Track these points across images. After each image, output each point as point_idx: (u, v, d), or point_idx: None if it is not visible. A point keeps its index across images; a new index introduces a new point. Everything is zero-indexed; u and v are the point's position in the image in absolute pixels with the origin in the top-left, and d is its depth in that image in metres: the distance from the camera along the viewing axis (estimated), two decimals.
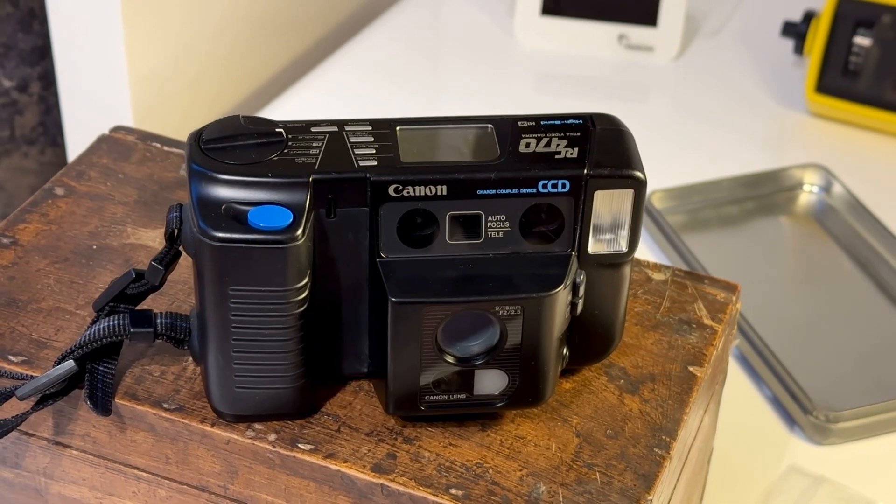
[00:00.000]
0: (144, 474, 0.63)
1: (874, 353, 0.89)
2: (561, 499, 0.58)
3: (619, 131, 0.60)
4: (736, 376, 0.87)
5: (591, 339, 0.62)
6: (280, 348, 0.58)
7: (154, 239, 0.70)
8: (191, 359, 0.63)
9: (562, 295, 0.57)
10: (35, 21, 1.11)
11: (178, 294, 0.66)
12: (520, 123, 0.59)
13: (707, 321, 0.67)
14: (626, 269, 0.61)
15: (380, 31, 1.22)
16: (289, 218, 0.56)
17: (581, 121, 0.60)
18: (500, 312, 0.57)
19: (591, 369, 0.64)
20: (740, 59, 1.19)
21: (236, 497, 0.61)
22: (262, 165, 0.56)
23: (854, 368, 0.87)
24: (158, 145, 0.76)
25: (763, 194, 1.02)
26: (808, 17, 1.10)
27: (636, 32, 1.16)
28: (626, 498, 0.58)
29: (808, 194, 1.02)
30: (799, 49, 1.11)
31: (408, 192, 0.57)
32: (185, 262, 0.68)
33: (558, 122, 0.59)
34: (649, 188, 0.97)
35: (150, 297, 0.63)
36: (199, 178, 0.56)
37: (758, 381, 0.87)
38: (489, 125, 0.59)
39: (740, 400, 0.86)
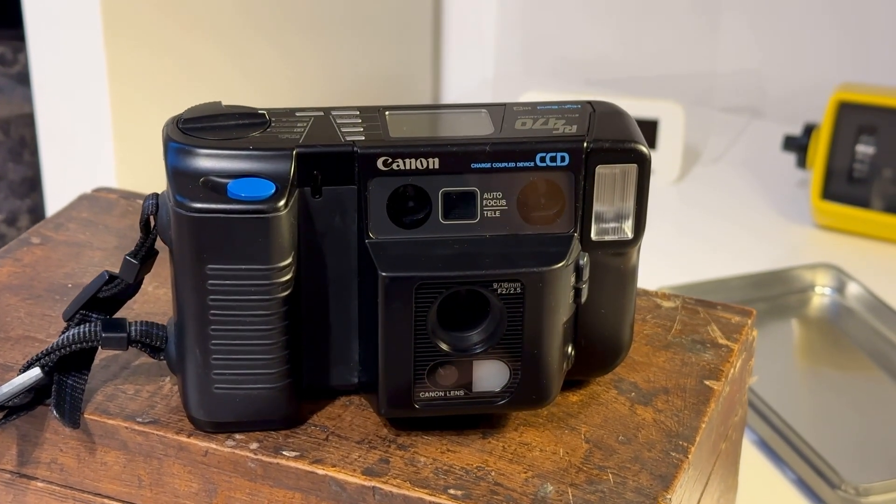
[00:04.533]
0: None
1: None
2: (571, 498, 0.52)
3: (619, 113, 0.57)
4: (757, 462, 0.82)
5: (597, 343, 0.58)
6: (262, 339, 0.53)
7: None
8: (168, 379, 0.58)
9: (565, 272, 0.53)
10: (26, 150, 1.09)
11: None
12: (515, 108, 0.57)
13: (722, 341, 0.63)
14: (633, 260, 0.57)
15: None
16: (271, 189, 0.52)
17: (579, 105, 0.57)
18: (499, 291, 0.53)
19: (598, 383, 0.59)
20: (743, 181, 1.17)
21: None
22: (243, 140, 0.53)
23: (880, 449, 0.82)
24: (141, 202, 0.73)
25: (773, 295, 0.98)
26: (809, 129, 1.08)
27: None
28: (642, 496, 0.53)
29: (821, 297, 0.99)
30: (801, 162, 1.09)
31: (397, 166, 0.53)
32: (165, 297, 0.64)
33: (556, 107, 0.57)
34: (655, 285, 0.94)
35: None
36: (176, 153, 0.53)
37: (780, 465, 0.81)
38: (483, 110, 0.57)
39: (763, 485, 0.80)
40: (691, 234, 1.09)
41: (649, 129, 1.13)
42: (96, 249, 0.68)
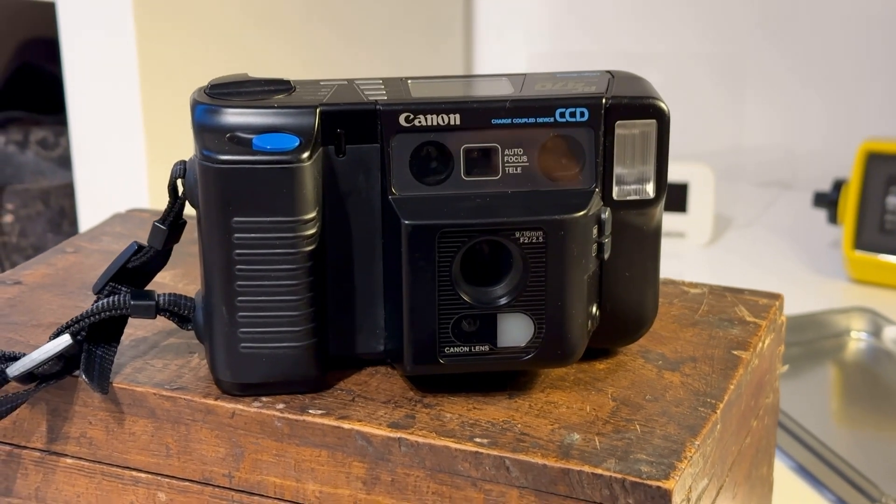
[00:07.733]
0: (143, 475, 0.57)
1: None
2: (598, 444, 0.52)
3: (638, 78, 0.58)
4: (796, 487, 0.81)
5: (622, 308, 0.58)
6: (288, 295, 0.54)
7: (168, 277, 0.66)
8: (196, 355, 0.59)
9: (586, 221, 0.54)
10: (65, 221, 1.11)
11: None
12: (535, 76, 0.58)
13: (750, 318, 0.62)
14: (656, 220, 0.57)
15: None
16: (295, 142, 0.53)
17: (598, 73, 0.58)
18: (521, 240, 0.53)
19: (625, 353, 0.59)
20: (774, 243, 1.18)
21: (242, 486, 0.56)
22: (268, 101, 0.55)
23: None
24: None
25: (808, 340, 0.97)
26: (838, 184, 1.09)
27: (666, 218, 1.14)
28: (669, 441, 0.52)
29: (857, 341, 0.98)
30: (832, 218, 1.09)
31: (419, 122, 0.54)
32: (193, 286, 0.65)
33: (575, 74, 0.58)
34: None
35: None
36: (203, 112, 0.54)
37: (819, 488, 0.80)
38: (503, 77, 0.58)
39: None
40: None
41: (679, 192, 1.14)
42: None
